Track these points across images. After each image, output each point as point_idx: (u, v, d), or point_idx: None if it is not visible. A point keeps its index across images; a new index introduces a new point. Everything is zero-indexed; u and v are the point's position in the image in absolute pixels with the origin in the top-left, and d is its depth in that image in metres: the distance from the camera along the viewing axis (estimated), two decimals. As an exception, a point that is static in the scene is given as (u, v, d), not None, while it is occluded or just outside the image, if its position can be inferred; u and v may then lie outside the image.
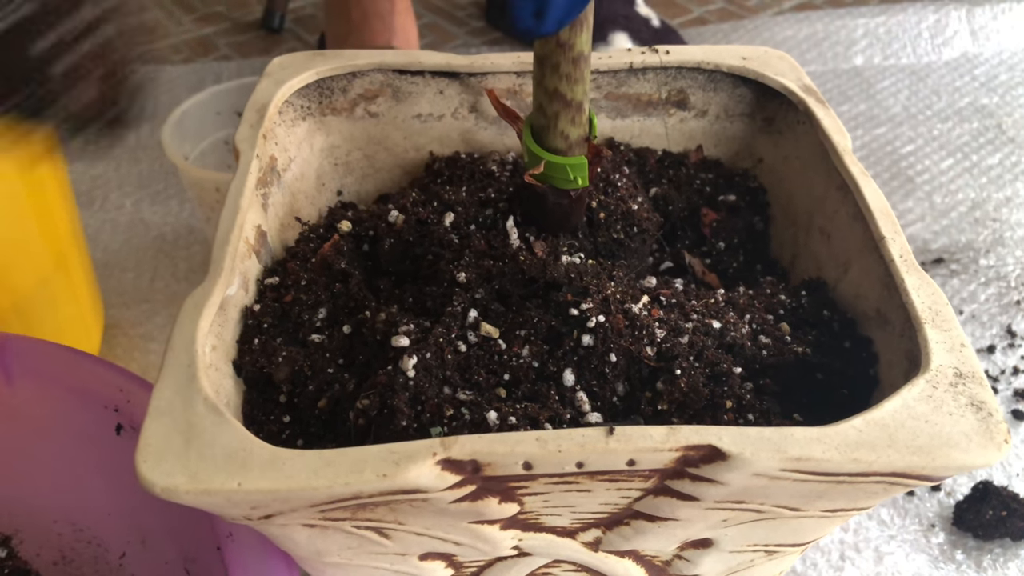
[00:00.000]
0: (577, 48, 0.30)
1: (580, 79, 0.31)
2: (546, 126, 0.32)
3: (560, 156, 0.33)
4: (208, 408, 0.27)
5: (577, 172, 0.32)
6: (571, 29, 0.29)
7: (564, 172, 0.32)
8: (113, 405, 0.38)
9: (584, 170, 0.33)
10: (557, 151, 0.33)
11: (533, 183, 0.33)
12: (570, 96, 0.31)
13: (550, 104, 0.32)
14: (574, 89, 0.31)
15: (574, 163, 0.32)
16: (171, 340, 0.29)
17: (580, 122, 0.32)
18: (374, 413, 0.30)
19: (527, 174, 0.33)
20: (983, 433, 0.26)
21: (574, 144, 0.33)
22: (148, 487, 0.25)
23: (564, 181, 0.33)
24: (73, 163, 0.78)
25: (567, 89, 0.31)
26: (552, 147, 0.33)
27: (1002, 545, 0.49)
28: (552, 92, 0.31)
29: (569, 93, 0.31)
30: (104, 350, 0.62)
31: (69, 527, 0.43)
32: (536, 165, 0.33)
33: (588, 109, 0.32)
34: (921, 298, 0.31)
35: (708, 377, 0.31)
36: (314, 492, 0.25)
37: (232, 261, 0.33)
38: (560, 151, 0.33)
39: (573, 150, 0.33)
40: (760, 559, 0.33)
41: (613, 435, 0.26)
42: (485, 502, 0.28)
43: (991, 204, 0.74)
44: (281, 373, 0.32)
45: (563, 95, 0.31)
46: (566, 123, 0.32)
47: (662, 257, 0.39)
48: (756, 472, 0.26)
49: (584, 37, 0.30)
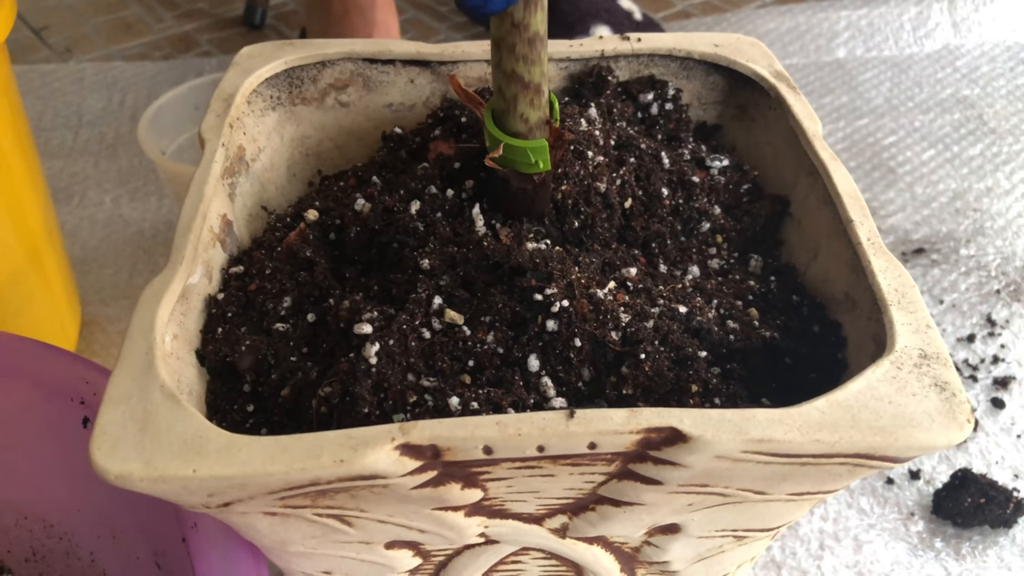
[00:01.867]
0: (532, 28, 0.30)
1: (537, 60, 0.30)
2: (506, 109, 0.32)
3: (520, 139, 0.32)
4: (165, 396, 0.27)
5: (538, 155, 0.32)
6: (525, 8, 0.29)
7: (525, 155, 0.32)
8: (79, 398, 0.38)
9: (545, 153, 0.32)
10: (518, 134, 0.32)
11: (494, 167, 0.33)
12: (527, 78, 0.31)
13: (508, 86, 0.31)
14: (531, 71, 0.31)
15: (534, 146, 0.32)
16: (129, 328, 0.29)
17: (539, 104, 0.32)
18: (336, 401, 0.30)
19: (487, 158, 0.33)
20: (946, 413, 0.26)
21: (534, 127, 0.32)
22: (102, 474, 0.25)
23: (526, 165, 0.33)
24: (50, 160, 0.78)
25: (524, 71, 0.31)
26: (513, 130, 0.32)
27: (981, 533, 0.49)
28: (510, 74, 0.31)
29: (526, 75, 0.31)
30: (82, 347, 0.62)
31: (39, 523, 0.43)
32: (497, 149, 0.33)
33: (548, 92, 0.32)
34: (887, 280, 0.31)
35: (673, 361, 0.30)
36: (270, 478, 0.25)
37: (194, 250, 0.32)
38: (521, 134, 0.32)
39: (534, 133, 0.32)
40: (729, 544, 0.32)
41: (573, 418, 0.26)
42: (447, 488, 0.27)
43: (972, 194, 0.74)
44: (245, 362, 0.32)
45: (520, 77, 0.31)
46: (525, 105, 0.32)
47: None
48: (718, 454, 0.26)
49: (539, 17, 0.30)
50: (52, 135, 0.81)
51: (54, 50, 0.96)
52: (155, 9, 1.06)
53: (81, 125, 0.83)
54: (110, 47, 0.97)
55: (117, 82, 0.88)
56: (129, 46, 0.98)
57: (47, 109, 0.84)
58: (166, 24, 1.02)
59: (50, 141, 0.80)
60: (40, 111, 0.84)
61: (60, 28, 1.00)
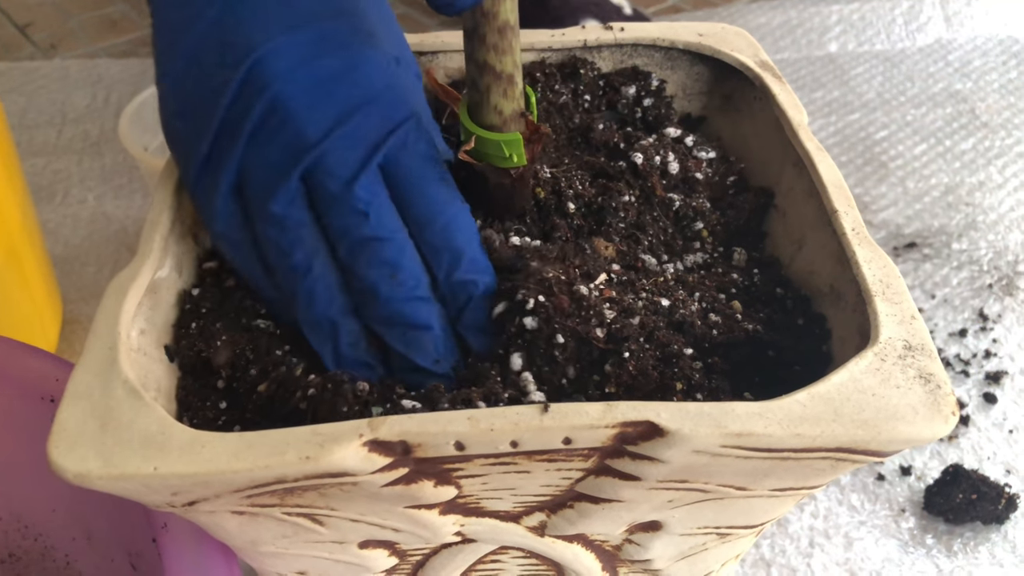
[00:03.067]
0: (502, 17, 0.29)
1: (508, 50, 0.30)
2: (479, 101, 0.31)
3: (495, 132, 0.32)
4: (127, 392, 0.26)
5: (512, 149, 0.32)
6: None
7: (499, 149, 0.32)
8: (50, 396, 0.37)
9: (519, 147, 0.32)
10: (493, 127, 0.32)
11: (469, 161, 0.32)
12: (499, 68, 0.30)
13: (481, 77, 0.31)
14: (503, 60, 0.30)
15: (508, 139, 0.31)
16: (94, 323, 0.28)
17: (513, 96, 0.31)
18: (312, 393, 0.29)
19: (461, 151, 0.32)
20: (931, 406, 0.26)
21: (508, 119, 0.32)
22: (60, 473, 0.24)
23: (500, 159, 0.32)
24: (33, 157, 0.77)
25: (495, 61, 0.30)
26: (487, 123, 0.32)
27: (972, 529, 0.49)
28: (482, 65, 0.30)
29: (498, 65, 0.30)
30: (63, 345, 0.61)
31: (15, 524, 0.42)
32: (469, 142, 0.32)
33: (521, 83, 0.32)
34: (872, 271, 0.30)
35: (658, 359, 0.30)
36: (234, 476, 0.24)
37: (164, 242, 0.32)
38: (495, 127, 0.32)
39: (508, 126, 0.32)
40: (713, 542, 0.32)
41: (547, 412, 0.25)
42: (420, 485, 0.27)
43: (964, 188, 0.74)
44: (221, 357, 0.31)
45: (492, 67, 0.30)
46: (498, 97, 0.31)
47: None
48: (696, 448, 0.25)
49: (508, 5, 0.29)
50: (36, 132, 0.80)
51: (38, 47, 0.95)
52: (140, 6, 1.05)
53: (65, 123, 0.82)
54: (95, 44, 0.96)
55: (102, 79, 0.87)
56: (114, 43, 0.97)
57: (31, 106, 0.83)
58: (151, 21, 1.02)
59: (33, 138, 0.79)
60: (23, 108, 0.83)
61: (44, 25, 0.99)
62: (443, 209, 0.31)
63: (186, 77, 0.32)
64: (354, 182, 0.30)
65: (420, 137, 0.32)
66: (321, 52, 0.31)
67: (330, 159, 0.31)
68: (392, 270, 0.30)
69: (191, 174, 0.32)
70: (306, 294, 0.31)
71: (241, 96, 0.31)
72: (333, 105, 0.31)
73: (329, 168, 0.30)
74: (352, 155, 0.31)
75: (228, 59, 0.31)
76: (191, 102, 0.32)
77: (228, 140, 0.31)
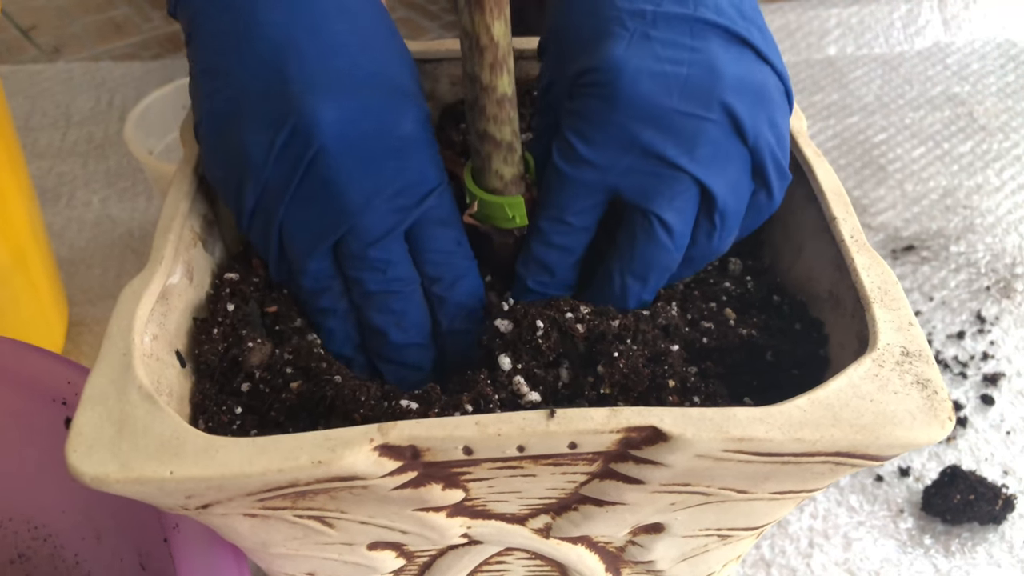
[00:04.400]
0: (500, 90, 0.31)
1: (506, 120, 0.32)
2: (482, 167, 0.33)
3: (497, 195, 0.34)
4: (142, 397, 0.27)
5: (515, 211, 0.34)
6: (491, 72, 0.30)
7: (503, 211, 0.34)
8: (61, 398, 0.38)
9: (521, 208, 0.34)
10: (495, 191, 0.34)
11: (474, 223, 0.34)
12: (499, 137, 0.32)
13: (482, 145, 0.33)
14: (502, 130, 0.32)
15: (511, 202, 0.33)
16: (108, 329, 0.29)
17: (512, 161, 0.33)
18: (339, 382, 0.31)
19: (466, 214, 0.34)
20: (928, 411, 0.26)
21: (509, 183, 0.33)
22: (78, 476, 0.25)
23: (504, 220, 0.34)
24: (38, 160, 0.77)
25: (495, 130, 0.32)
26: (490, 187, 0.34)
27: (970, 529, 0.49)
28: (482, 134, 0.32)
29: (498, 134, 0.32)
30: (69, 347, 0.62)
31: (25, 524, 0.43)
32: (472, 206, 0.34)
33: (520, 149, 0.33)
34: (870, 277, 0.31)
35: (648, 359, 0.31)
36: (248, 480, 0.25)
37: (175, 249, 0.32)
38: (497, 191, 0.34)
39: (509, 189, 0.34)
40: (714, 544, 0.32)
41: (553, 418, 0.26)
42: (428, 489, 0.27)
43: (962, 192, 0.74)
44: (255, 358, 0.32)
45: (492, 136, 0.32)
46: (499, 163, 0.33)
47: None
48: (699, 453, 0.26)
49: (505, 80, 0.31)
50: (40, 135, 0.81)
51: (42, 50, 0.96)
52: (144, 9, 1.05)
53: (69, 125, 0.82)
54: (98, 47, 0.97)
55: (106, 82, 0.88)
56: (118, 46, 0.97)
57: (35, 109, 0.84)
58: (155, 24, 1.02)
59: (38, 141, 0.80)
60: (28, 111, 0.84)
61: (48, 28, 1.00)
62: (452, 269, 0.34)
63: (227, 126, 0.32)
64: (376, 244, 0.32)
65: (443, 203, 0.34)
66: (362, 113, 0.32)
67: (363, 226, 0.32)
68: (398, 318, 0.34)
69: (242, 223, 0.34)
70: (328, 332, 0.35)
71: (285, 158, 0.31)
72: (373, 171, 0.32)
73: (359, 233, 0.32)
74: (382, 223, 0.32)
75: (271, 117, 0.31)
76: (234, 155, 0.32)
77: (274, 198, 0.32)
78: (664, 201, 0.31)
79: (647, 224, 0.32)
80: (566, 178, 0.32)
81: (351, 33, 0.33)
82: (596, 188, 0.32)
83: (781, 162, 0.33)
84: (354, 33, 0.33)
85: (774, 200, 0.34)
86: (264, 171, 0.31)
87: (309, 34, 0.32)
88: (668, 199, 0.31)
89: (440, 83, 0.44)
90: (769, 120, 0.32)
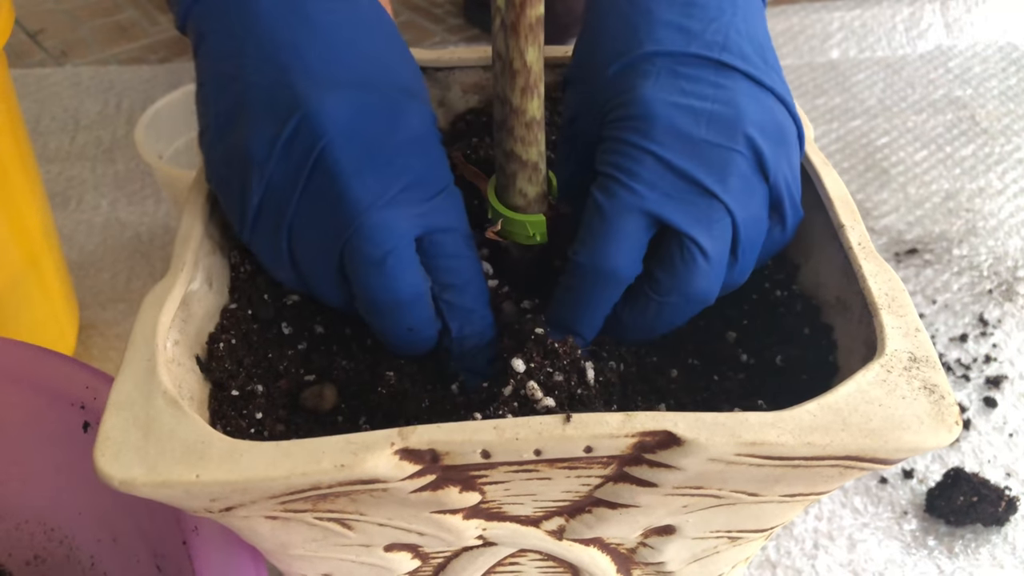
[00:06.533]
0: (529, 114, 0.31)
1: (534, 142, 0.32)
2: (506, 185, 0.34)
3: (520, 213, 0.34)
4: (167, 402, 0.27)
5: (536, 229, 0.34)
6: (522, 96, 0.31)
7: (524, 228, 0.34)
8: (80, 403, 0.38)
9: (542, 227, 0.34)
10: (517, 208, 0.34)
11: (495, 239, 0.35)
12: (525, 157, 0.33)
13: (508, 164, 0.33)
14: (528, 151, 0.32)
15: (532, 220, 0.34)
16: (132, 335, 0.29)
17: (537, 181, 0.34)
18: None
19: (489, 231, 0.35)
20: (935, 416, 0.27)
21: (532, 202, 0.34)
22: (106, 480, 0.25)
23: (524, 237, 0.35)
24: (47, 164, 0.78)
25: (522, 151, 0.32)
26: (512, 204, 0.34)
27: (973, 531, 0.50)
28: (509, 153, 0.33)
29: (524, 154, 0.32)
30: (80, 350, 0.62)
31: (40, 527, 0.43)
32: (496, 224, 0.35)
33: (545, 169, 0.34)
34: (878, 284, 0.31)
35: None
36: (272, 483, 0.25)
37: (195, 257, 0.33)
38: (520, 208, 0.34)
39: (532, 207, 0.34)
40: (724, 545, 0.33)
41: (570, 422, 0.26)
42: (446, 491, 0.28)
43: (964, 195, 0.75)
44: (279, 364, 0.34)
45: (519, 156, 0.33)
46: (523, 182, 0.33)
47: None
48: (711, 457, 0.26)
49: (535, 103, 0.31)
50: (49, 139, 0.81)
51: (50, 54, 0.96)
52: (150, 13, 1.06)
53: (78, 129, 0.83)
54: (106, 51, 0.98)
55: (113, 86, 0.88)
56: (125, 49, 0.98)
57: (44, 113, 0.85)
58: (162, 27, 1.03)
59: (47, 145, 0.81)
60: (37, 115, 0.84)
61: (56, 32, 1.00)
62: (460, 276, 0.34)
63: (233, 126, 0.33)
64: (391, 254, 0.32)
65: (451, 207, 0.34)
66: (370, 108, 0.32)
67: (372, 227, 0.31)
68: (409, 325, 0.33)
69: (246, 223, 0.33)
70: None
71: (290, 153, 0.31)
72: (379, 169, 0.32)
73: (369, 236, 0.31)
74: (393, 228, 0.32)
75: (276, 113, 0.32)
76: (237, 152, 0.32)
77: (280, 198, 0.32)
78: (702, 227, 0.31)
79: (687, 251, 0.31)
80: (607, 212, 0.32)
81: (357, 34, 0.33)
82: (637, 218, 0.31)
83: (796, 199, 0.34)
84: (360, 35, 0.34)
85: (787, 235, 0.35)
86: (268, 165, 0.32)
87: (315, 35, 0.33)
88: (707, 226, 0.31)
89: (451, 91, 0.44)
90: (787, 159, 0.33)
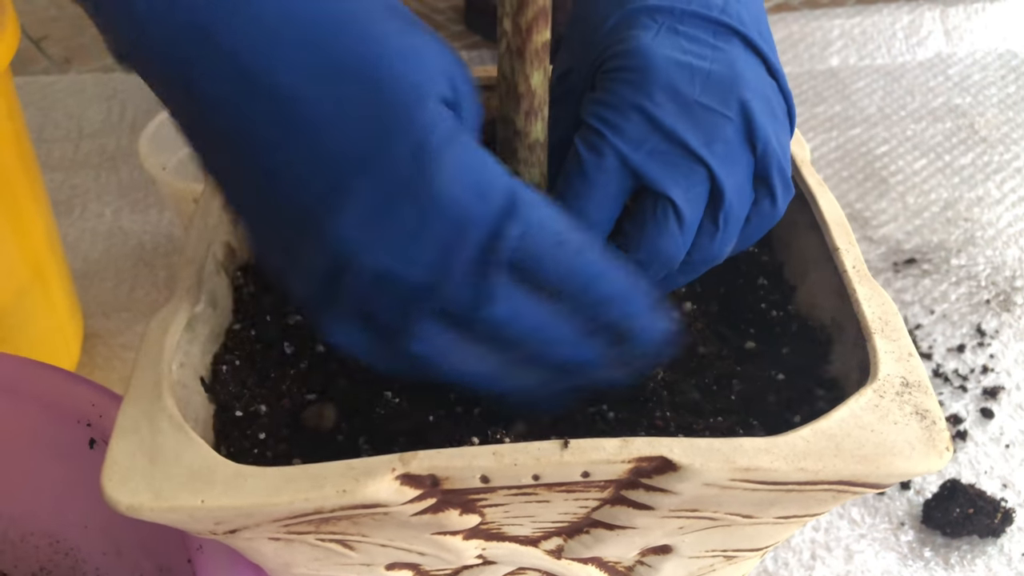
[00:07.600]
0: (532, 136, 0.32)
1: (536, 163, 0.32)
2: None
3: None
4: (173, 426, 0.28)
5: None
6: (526, 119, 0.31)
7: None
8: (86, 420, 0.39)
9: None
10: None
11: None
12: (527, 179, 0.33)
13: None
14: (531, 172, 0.33)
15: None
16: (138, 358, 0.30)
17: None
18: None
19: None
20: (926, 441, 0.27)
21: None
22: (113, 505, 0.26)
23: None
24: (51, 172, 0.78)
25: (524, 172, 0.33)
26: None
27: (970, 542, 0.50)
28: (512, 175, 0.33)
29: (526, 176, 0.33)
30: (84, 360, 0.63)
31: (46, 540, 0.44)
32: None
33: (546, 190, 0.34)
34: (871, 308, 0.32)
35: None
36: (275, 508, 0.26)
37: (199, 279, 0.33)
38: None
39: None
40: (720, 564, 0.33)
41: (567, 448, 0.27)
42: (446, 514, 0.28)
43: (963, 204, 0.75)
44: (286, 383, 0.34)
45: (520, 176, 0.33)
46: None
47: None
48: (707, 482, 0.27)
49: (539, 126, 0.31)
50: (53, 147, 0.82)
51: (53, 61, 0.97)
52: (154, 18, 1.06)
53: (82, 137, 0.83)
54: (109, 58, 0.98)
55: (117, 93, 0.89)
56: (128, 56, 0.98)
57: (47, 121, 0.85)
58: (165, 33, 1.03)
59: (51, 153, 0.81)
60: (41, 123, 0.85)
61: (59, 39, 1.01)
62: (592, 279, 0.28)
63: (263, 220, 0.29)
64: (485, 304, 0.27)
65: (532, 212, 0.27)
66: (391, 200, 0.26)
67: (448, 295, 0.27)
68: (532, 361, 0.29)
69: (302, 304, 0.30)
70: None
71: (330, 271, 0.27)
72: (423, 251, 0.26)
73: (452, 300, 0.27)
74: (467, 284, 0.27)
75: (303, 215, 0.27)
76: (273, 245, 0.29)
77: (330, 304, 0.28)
78: (680, 189, 0.31)
79: (660, 210, 0.31)
80: (588, 165, 0.31)
81: None
82: (618, 174, 0.31)
83: (786, 172, 0.33)
84: None
85: (778, 209, 0.34)
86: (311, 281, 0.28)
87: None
88: (684, 188, 0.31)
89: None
90: (776, 132, 0.33)
